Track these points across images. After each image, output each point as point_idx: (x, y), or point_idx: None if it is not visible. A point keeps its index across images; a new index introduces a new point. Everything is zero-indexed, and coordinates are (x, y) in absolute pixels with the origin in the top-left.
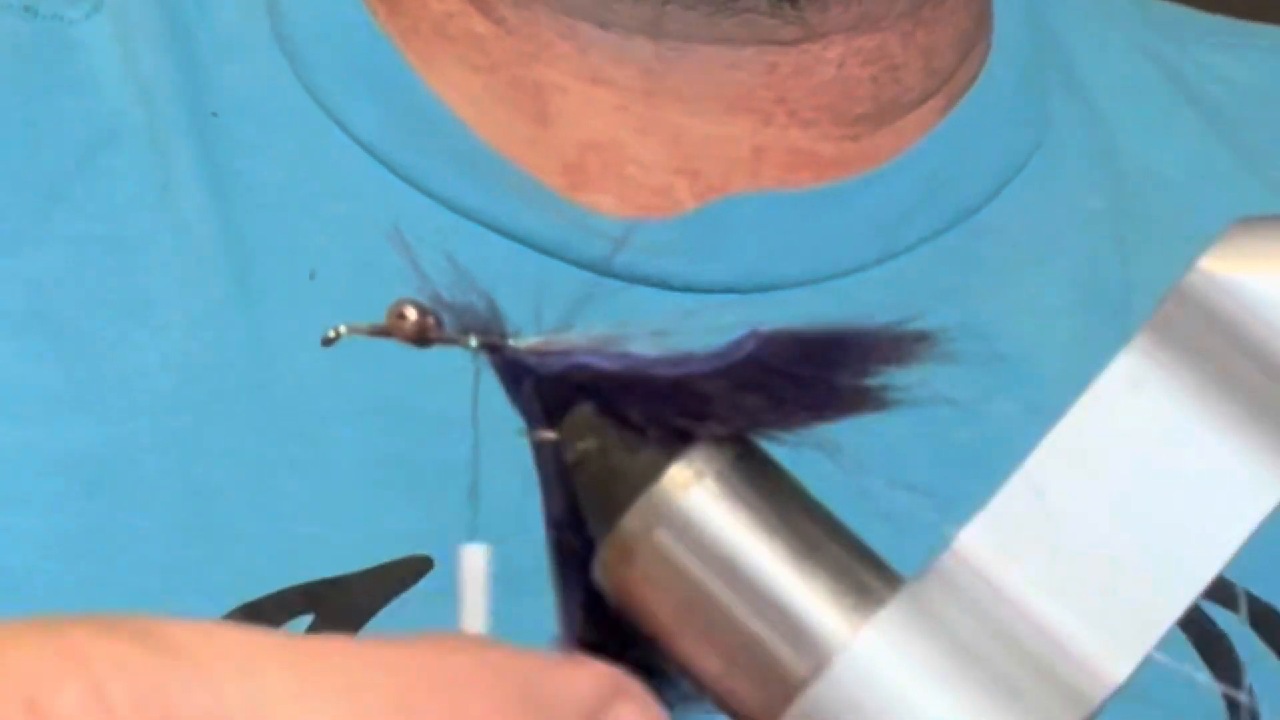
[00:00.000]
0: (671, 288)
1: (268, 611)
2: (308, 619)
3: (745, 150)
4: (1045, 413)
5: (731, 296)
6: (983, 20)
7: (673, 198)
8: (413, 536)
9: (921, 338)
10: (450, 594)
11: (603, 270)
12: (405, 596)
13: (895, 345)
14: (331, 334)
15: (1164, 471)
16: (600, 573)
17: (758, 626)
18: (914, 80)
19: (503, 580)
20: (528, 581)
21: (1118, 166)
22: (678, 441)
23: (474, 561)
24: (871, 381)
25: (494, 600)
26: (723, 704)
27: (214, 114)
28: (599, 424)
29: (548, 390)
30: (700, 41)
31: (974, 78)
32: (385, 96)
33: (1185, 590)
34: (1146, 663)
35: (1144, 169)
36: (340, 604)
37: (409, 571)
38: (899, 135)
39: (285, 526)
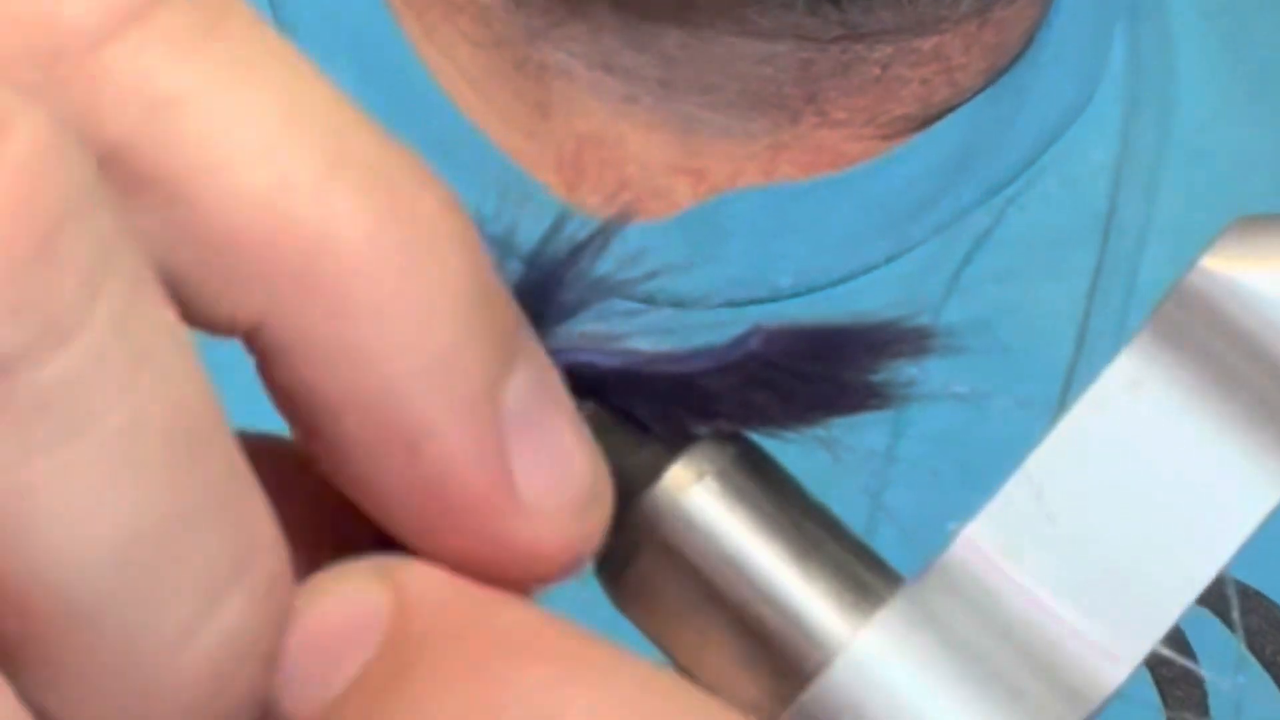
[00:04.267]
0: (657, 303)
1: None
2: None
3: (760, 148)
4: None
5: (724, 312)
6: None
7: (671, 200)
8: None
9: (928, 333)
10: None
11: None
12: None
13: (901, 341)
14: None
15: (1164, 471)
16: (600, 571)
17: (758, 625)
18: (971, 81)
19: None
20: None
21: (1173, 101)
22: (678, 440)
23: None
24: (877, 378)
25: None
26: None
27: None
28: (599, 423)
29: None
30: (729, 34)
31: (1027, 35)
32: (369, 67)
33: (1185, 590)
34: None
35: (1201, 110)
36: None
37: None
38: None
39: None
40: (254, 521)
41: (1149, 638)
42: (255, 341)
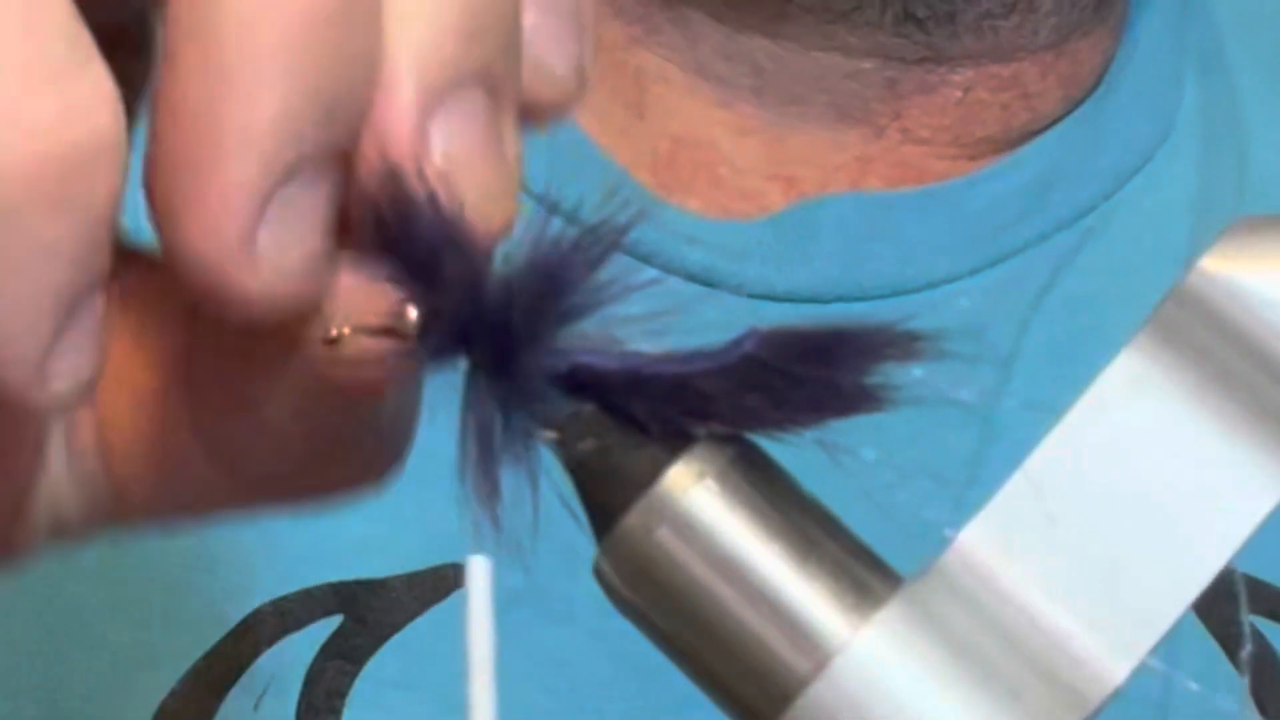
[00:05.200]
0: (749, 294)
1: (296, 609)
2: (336, 620)
3: (849, 158)
4: None
5: (812, 306)
6: (1120, 17)
7: (763, 203)
8: (454, 540)
9: (919, 338)
10: None
11: (676, 271)
12: (441, 606)
13: (894, 345)
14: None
15: (1164, 471)
16: (600, 573)
17: (757, 626)
18: (1049, 108)
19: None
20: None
21: (1245, 153)
22: (678, 441)
23: (479, 574)
24: (872, 380)
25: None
26: (723, 703)
27: None
28: (599, 424)
29: (548, 390)
30: (817, 49)
31: (1101, 69)
32: None
33: (1185, 591)
34: (1146, 667)
35: (1271, 162)
36: (373, 608)
37: (447, 579)
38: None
39: (323, 518)
40: None
41: (1149, 638)
42: None
